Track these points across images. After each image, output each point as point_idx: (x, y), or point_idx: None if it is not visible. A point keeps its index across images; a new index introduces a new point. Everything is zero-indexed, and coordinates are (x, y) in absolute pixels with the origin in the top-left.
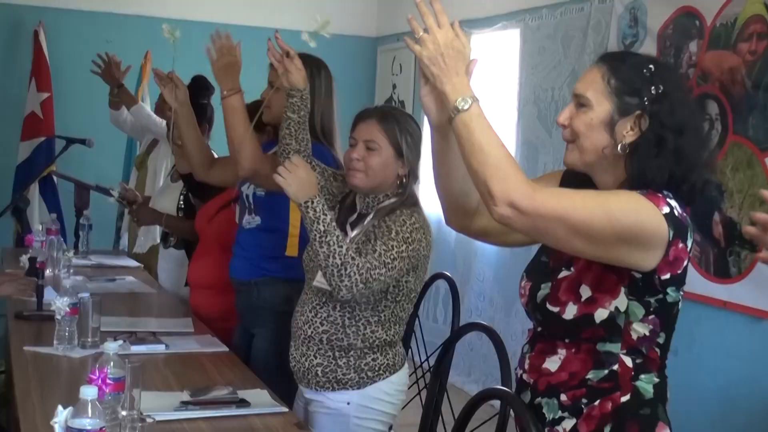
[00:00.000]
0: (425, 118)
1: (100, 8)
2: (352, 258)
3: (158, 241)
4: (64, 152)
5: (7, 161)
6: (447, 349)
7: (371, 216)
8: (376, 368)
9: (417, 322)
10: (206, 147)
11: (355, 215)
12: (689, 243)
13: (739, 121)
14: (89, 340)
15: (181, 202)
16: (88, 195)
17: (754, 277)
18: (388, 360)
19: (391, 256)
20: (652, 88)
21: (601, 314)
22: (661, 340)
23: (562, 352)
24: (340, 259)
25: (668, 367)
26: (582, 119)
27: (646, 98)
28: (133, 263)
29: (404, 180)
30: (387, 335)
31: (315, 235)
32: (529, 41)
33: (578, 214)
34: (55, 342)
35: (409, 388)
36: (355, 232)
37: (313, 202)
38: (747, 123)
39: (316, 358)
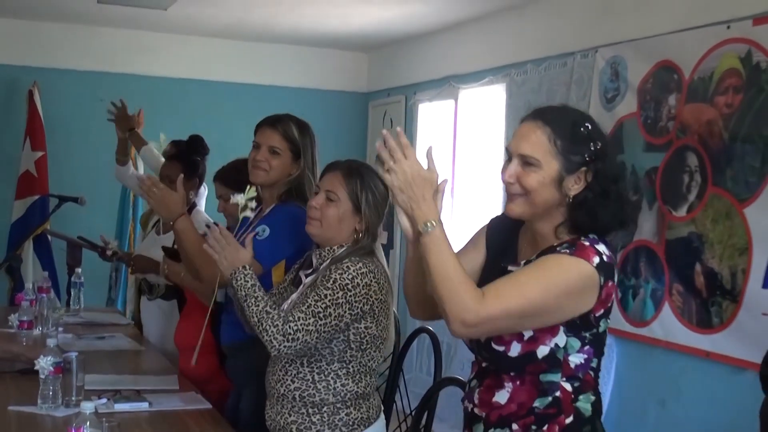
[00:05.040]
0: None
1: (94, 68)
2: (267, 312)
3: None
4: (58, 210)
5: (1, 220)
6: (426, 402)
7: (324, 265)
8: (351, 423)
9: (402, 377)
10: None
11: (311, 270)
12: (616, 278)
13: (718, 172)
14: (73, 399)
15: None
16: (80, 253)
17: (734, 327)
18: (362, 414)
19: (323, 305)
20: (591, 144)
21: (542, 351)
22: (594, 365)
23: (509, 386)
24: (257, 316)
25: (657, 418)
26: (533, 178)
27: (587, 155)
28: (124, 320)
29: (360, 235)
30: (358, 387)
31: (240, 301)
32: (515, 95)
33: (520, 306)
34: (39, 401)
35: None
36: (308, 280)
37: (236, 273)
38: (725, 175)
39: (290, 415)
